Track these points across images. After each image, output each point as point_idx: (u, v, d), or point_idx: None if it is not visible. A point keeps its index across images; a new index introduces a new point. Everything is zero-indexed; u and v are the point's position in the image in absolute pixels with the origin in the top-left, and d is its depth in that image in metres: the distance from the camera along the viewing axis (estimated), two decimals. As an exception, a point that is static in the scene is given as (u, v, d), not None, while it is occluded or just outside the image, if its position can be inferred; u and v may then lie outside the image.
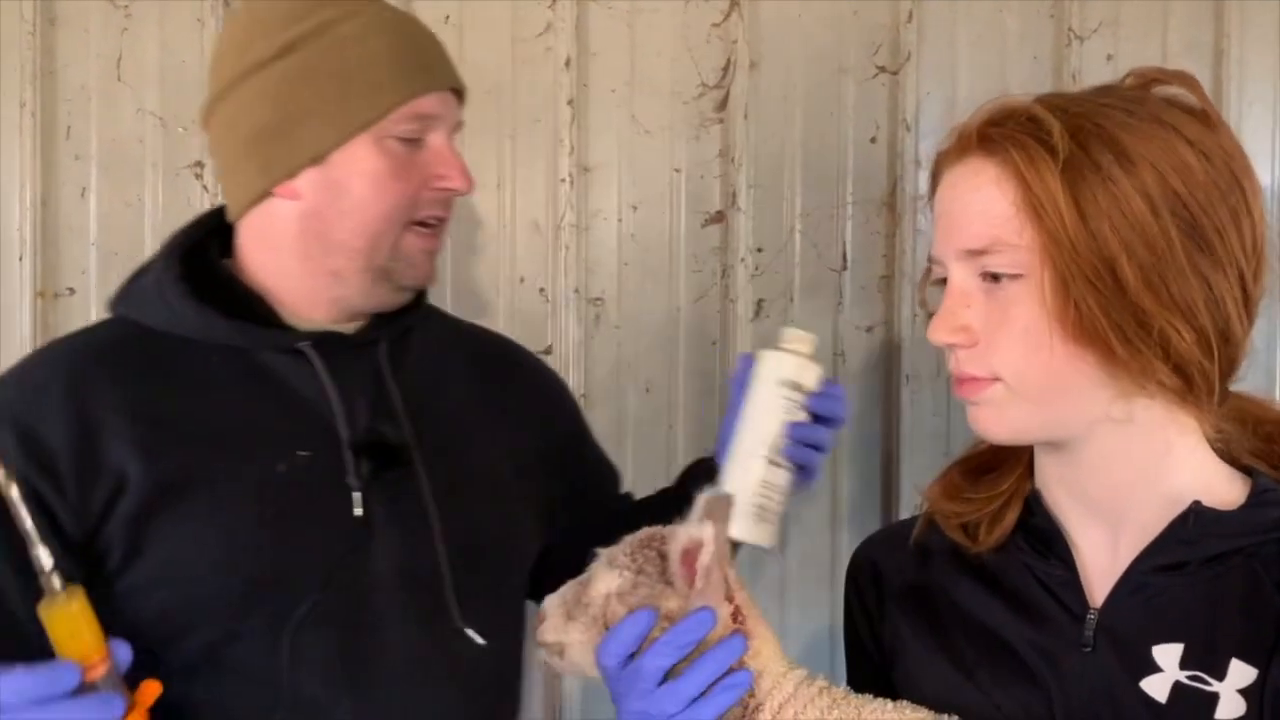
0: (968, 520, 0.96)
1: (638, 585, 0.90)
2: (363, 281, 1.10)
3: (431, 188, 1.10)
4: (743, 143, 1.54)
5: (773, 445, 1.09)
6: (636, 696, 0.88)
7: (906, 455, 1.57)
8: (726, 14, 1.54)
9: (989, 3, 1.56)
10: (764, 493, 1.09)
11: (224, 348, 1.08)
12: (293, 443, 1.06)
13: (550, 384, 1.33)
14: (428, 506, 1.09)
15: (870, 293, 1.58)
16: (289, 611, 1.01)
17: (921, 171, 1.56)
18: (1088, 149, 0.82)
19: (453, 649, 1.08)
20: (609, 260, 1.55)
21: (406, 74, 1.08)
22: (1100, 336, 0.82)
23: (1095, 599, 0.89)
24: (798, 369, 1.10)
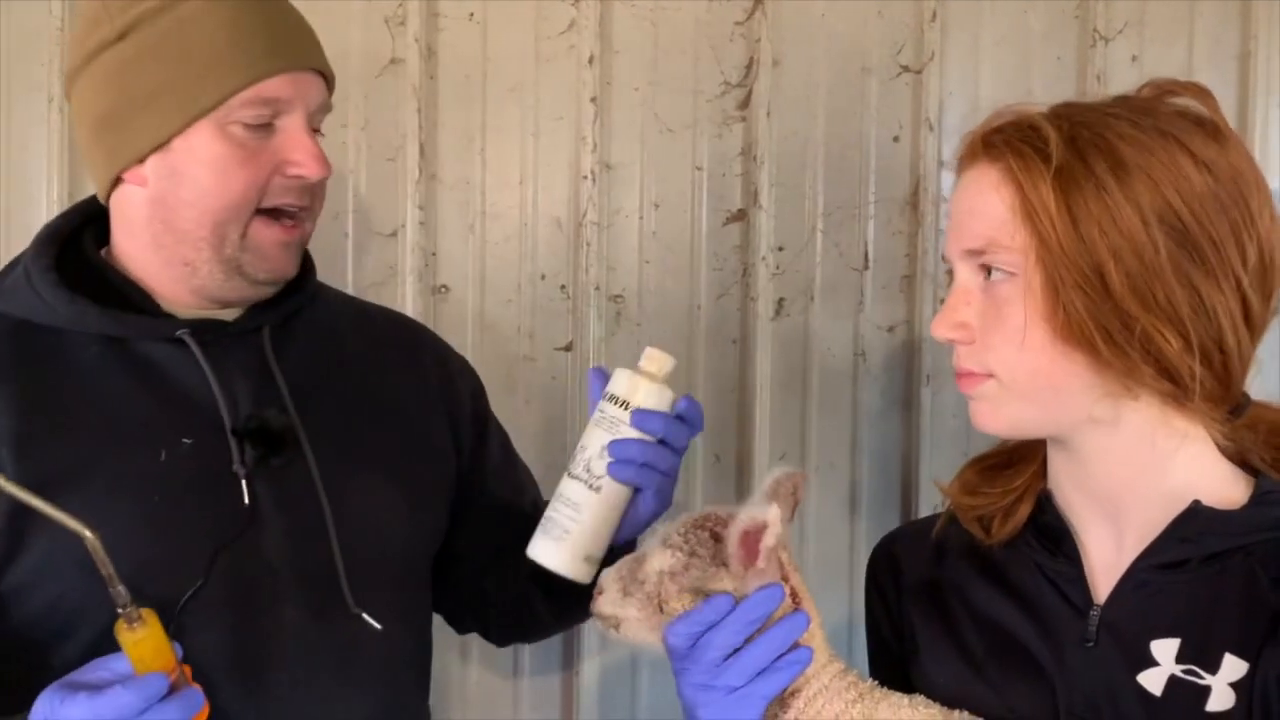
0: (983, 513, 0.99)
1: (690, 566, 0.93)
2: (215, 272, 1.07)
3: (283, 174, 1.06)
4: (765, 141, 1.54)
5: (580, 461, 1.05)
6: (701, 671, 0.91)
7: (926, 455, 1.57)
8: (750, 12, 1.54)
9: (1013, 3, 1.55)
10: (556, 506, 1.06)
11: (102, 338, 1.06)
12: (175, 432, 1.04)
13: (455, 368, 1.28)
14: (318, 490, 1.07)
15: (892, 292, 1.58)
16: (174, 598, 1.00)
17: (945, 171, 1.56)
18: (1084, 158, 0.85)
19: (348, 634, 1.07)
20: (630, 258, 1.55)
21: (249, 56, 1.03)
22: (1087, 338, 0.85)
23: (1099, 595, 0.92)
24: (629, 386, 1.05)
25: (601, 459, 1.04)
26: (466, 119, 1.52)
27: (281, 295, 1.13)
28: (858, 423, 1.58)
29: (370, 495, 1.11)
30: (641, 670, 1.58)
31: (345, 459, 1.11)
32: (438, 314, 1.53)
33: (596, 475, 1.04)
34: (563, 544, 1.05)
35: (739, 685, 0.90)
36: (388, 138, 1.51)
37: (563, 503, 1.05)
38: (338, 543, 1.07)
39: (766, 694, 0.90)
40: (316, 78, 1.09)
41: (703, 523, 0.95)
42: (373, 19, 1.51)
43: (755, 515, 0.90)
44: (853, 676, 0.94)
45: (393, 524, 1.13)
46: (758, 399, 1.55)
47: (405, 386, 1.20)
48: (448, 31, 1.52)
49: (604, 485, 1.04)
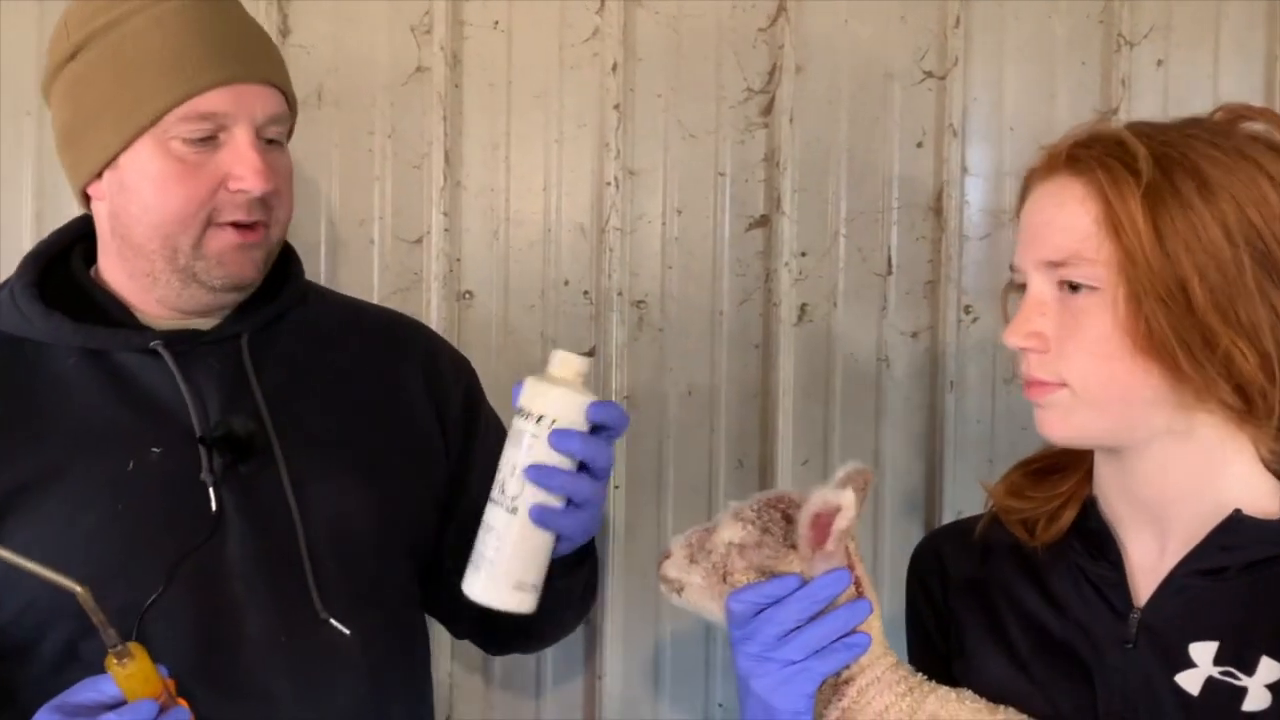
0: (1027, 516, 1.02)
1: (761, 544, 0.96)
2: (173, 282, 1.08)
3: (227, 188, 1.06)
4: (788, 147, 1.54)
5: (497, 483, 1.00)
6: (760, 643, 0.94)
7: (950, 461, 1.56)
8: (773, 18, 1.55)
9: (1037, 7, 1.55)
10: (481, 536, 1.01)
11: (82, 351, 1.08)
12: (146, 441, 1.06)
13: (447, 365, 1.27)
14: (288, 497, 1.08)
15: (915, 298, 1.57)
16: (138, 605, 1.01)
17: (969, 177, 1.56)
18: (1170, 176, 0.87)
19: (319, 639, 1.07)
20: (653, 263, 1.56)
21: (185, 70, 1.04)
22: (1168, 351, 0.87)
23: (1139, 598, 0.95)
24: (538, 397, 0.98)
25: (515, 479, 0.98)
26: (491, 126, 1.54)
27: (261, 302, 1.14)
28: (880, 428, 1.58)
29: (344, 500, 1.11)
30: (664, 682, 1.58)
31: (320, 464, 1.11)
32: (462, 319, 1.55)
33: (512, 497, 0.98)
34: (488, 575, 1.00)
35: (796, 660, 0.93)
36: (413, 145, 1.53)
37: (485, 530, 1.01)
38: (306, 548, 1.07)
39: (823, 671, 0.93)
40: (266, 89, 1.08)
41: (776, 502, 0.97)
42: (398, 27, 1.52)
43: (829, 498, 0.93)
44: (904, 670, 0.97)
45: (367, 528, 1.12)
46: (780, 404, 1.55)
47: (392, 387, 1.20)
48: (473, 40, 1.53)
49: (519, 507, 0.98)
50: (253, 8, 1.48)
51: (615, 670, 1.57)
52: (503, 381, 1.54)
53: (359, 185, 1.53)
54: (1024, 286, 0.95)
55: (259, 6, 1.50)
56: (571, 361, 0.99)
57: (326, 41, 1.52)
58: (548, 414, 0.97)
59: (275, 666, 1.05)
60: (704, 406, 1.56)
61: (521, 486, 0.98)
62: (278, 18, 1.51)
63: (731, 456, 1.57)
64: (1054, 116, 1.55)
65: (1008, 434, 1.56)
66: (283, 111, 1.10)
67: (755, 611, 0.95)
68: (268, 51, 1.11)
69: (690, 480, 1.56)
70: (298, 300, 1.18)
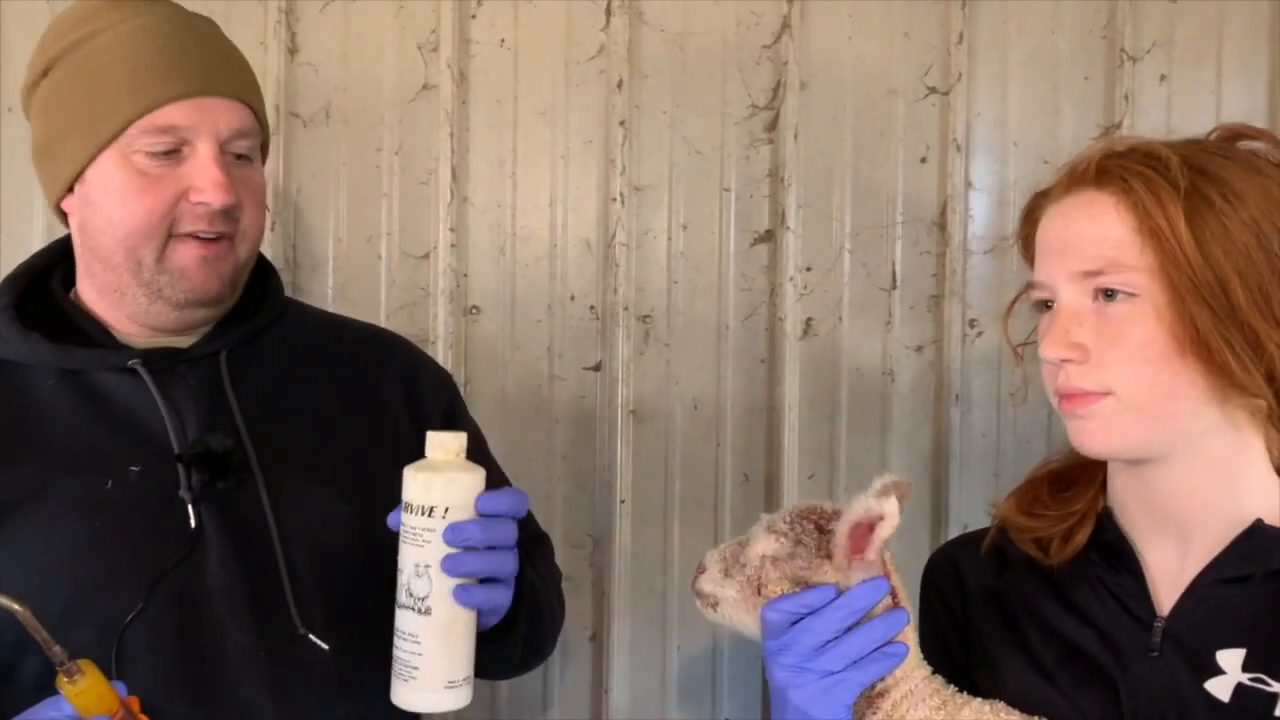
0: (1040, 536, 1.02)
1: (794, 555, 0.96)
2: (139, 297, 1.09)
3: (188, 201, 1.06)
4: (792, 163, 1.55)
5: (401, 586, 0.97)
6: (796, 654, 0.94)
7: (955, 475, 1.57)
8: (777, 35, 1.56)
9: (1040, 23, 1.56)
10: (397, 643, 0.98)
11: (62, 372, 1.09)
12: (125, 459, 1.06)
13: (428, 380, 1.25)
14: (266, 513, 1.07)
15: (920, 312, 1.58)
16: (117, 622, 1.01)
17: (973, 192, 1.56)
18: (1198, 183, 0.90)
19: (300, 655, 1.07)
20: (659, 278, 1.56)
21: (145, 85, 1.05)
22: (1213, 352, 0.89)
23: (1162, 607, 0.96)
24: (408, 485, 0.96)
25: (422, 579, 0.95)
26: (498, 143, 1.55)
27: (240, 319, 1.15)
28: (886, 442, 1.58)
29: (323, 515, 1.11)
30: (671, 696, 1.58)
31: (299, 479, 1.11)
32: (469, 334, 1.55)
33: (420, 597, 0.95)
34: (418, 684, 0.96)
35: (835, 671, 0.93)
36: (421, 161, 1.54)
37: (401, 638, 0.98)
38: (285, 564, 1.07)
39: (862, 682, 0.93)
40: (231, 104, 1.09)
41: (808, 513, 0.98)
42: (406, 46, 1.54)
43: (871, 506, 0.92)
44: (937, 683, 0.97)
45: (346, 543, 1.11)
46: (786, 419, 1.56)
47: (372, 403, 1.19)
48: (479, 57, 1.54)
49: (433, 606, 0.95)
50: (261, 26, 1.51)
51: (622, 684, 1.57)
52: (509, 396, 1.55)
53: (367, 201, 1.54)
54: (1046, 303, 0.97)
55: (268, 25, 1.52)
56: (447, 441, 0.96)
57: (335, 59, 1.53)
58: (438, 506, 0.95)
59: (254, 681, 1.05)
60: (709, 421, 1.57)
61: (430, 585, 0.95)
62: (286, 36, 1.52)
63: (737, 471, 1.57)
64: (1057, 131, 1.56)
65: (1013, 447, 1.56)
66: (250, 126, 1.11)
67: (791, 621, 0.95)
68: (235, 67, 1.11)
69: (696, 495, 1.57)
70: (276, 317, 1.19)
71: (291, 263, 1.54)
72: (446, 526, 0.95)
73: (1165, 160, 0.91)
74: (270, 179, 1.52)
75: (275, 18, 1.52)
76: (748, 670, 1.58)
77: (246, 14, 1.52)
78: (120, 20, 1.07)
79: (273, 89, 1.52)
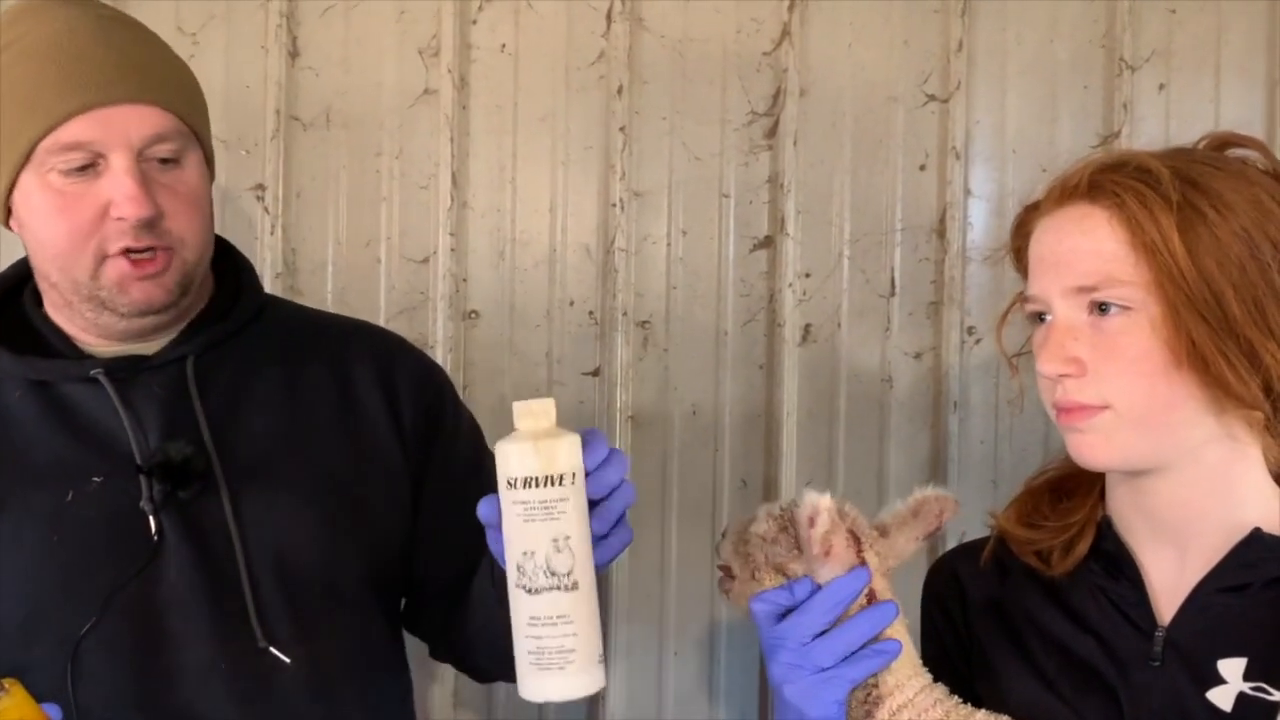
0: (1040, 548, 1.02)
1: (777, 540, 0.97)
2: (86, 311, 1.07)
3: (111, 217, 1.02)
4: (792, 169, 1.55)
5: (533, 568, 0.89)
6: (790, 651, 0.94)
7: (954, 482, 1.56)
8: (777, 42, 1.56)
9: (1039, 31, 1.56)
10: (533, 634, 0.90)
11: (27, 383, 1.08)
12: (87, 470, 1.05)
13: (406, 376, 1.20)
14: (228, 522, 1.05)
15: (919, 319, 1.58)
16: (72, 636, 1.00)
17: (971, 199, 1.57)
18: (1192, 196, 0.90)
19: (259, 668, 1.04)
20: (658, 284, 1.56)
21: (43, 103, 1.01)
22: (1211, 363, 0.89)
23: (1163, 617, 0.97)
24: (521, 460, 0.89)
25: (561, 553, 0.89)
26: (498, 148, 1.55)
27: (207, 323, 1.12)
28: (884, 449, 1.58)
29: (289, 525, 1.08)
30: (668, 701, 1.58)
31: (265, 488, 1.08)
32: (468, 339, 1.55)
33: (565, 573, 0.89)
34: (572, 667, 0.90)
35: (826, 666, 0.93)
36: (421, 166, 1.54)
37: (544, 624, 0.89)
38: (247, 575, 1.05)
39: (853, 678, 0.94)
40: (142, 109, 1.03)
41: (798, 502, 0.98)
42: (407, 51, 1.54)
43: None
44: (939, 693, 0.97)
45: (315, 553, 1.09)
46: (784, 425, 1.56)
47: (348, 404, 1.16)
48: (480, 63, 1.55)
49: (579, 578, 0.89)
50: (262, 30, 1.52)
51: (619, 689, 1.57)
52: (507, 402, 1.55)
53: (366, 206, 1.55)
54: (1041, 315, 0.97)
55: (269, 29, 1.52)
56: (544, 407, 0.91)
57: (335, 64, 1.54)
58: (567, 472, 0.89)
59: (213, 696, 1.03)
60: (708, 427, 1.57)
61: (572, 557, 0.89)
62: (287, 40, 1.52)
63: (735, 476, 1.57)
64: (1056, 140, 1.56)
65: (1011, 455, 1.56)
66: (169, 129, 1.04)
67: (778, 614, 0.96)
68: (145, 68, 1.05)
69: (694, 500, 1.57)
70: (249, 319, 1.15)
71: (291, 266, 1.54)
72: (588, 480, 0.90)
73: (1157, 174, 0.91)
74: (270, 182, 1.53)
75: (276, 21, 1.52)
76: (744, 676, 1.58)
77: (247, 18, 1.52)
78: (26, 33, 1.03)
79: (273, 93, 1.52)
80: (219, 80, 1.51)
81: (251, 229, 1.52)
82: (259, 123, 1.52)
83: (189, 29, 1.51)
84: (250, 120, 1.52)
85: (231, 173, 1.53)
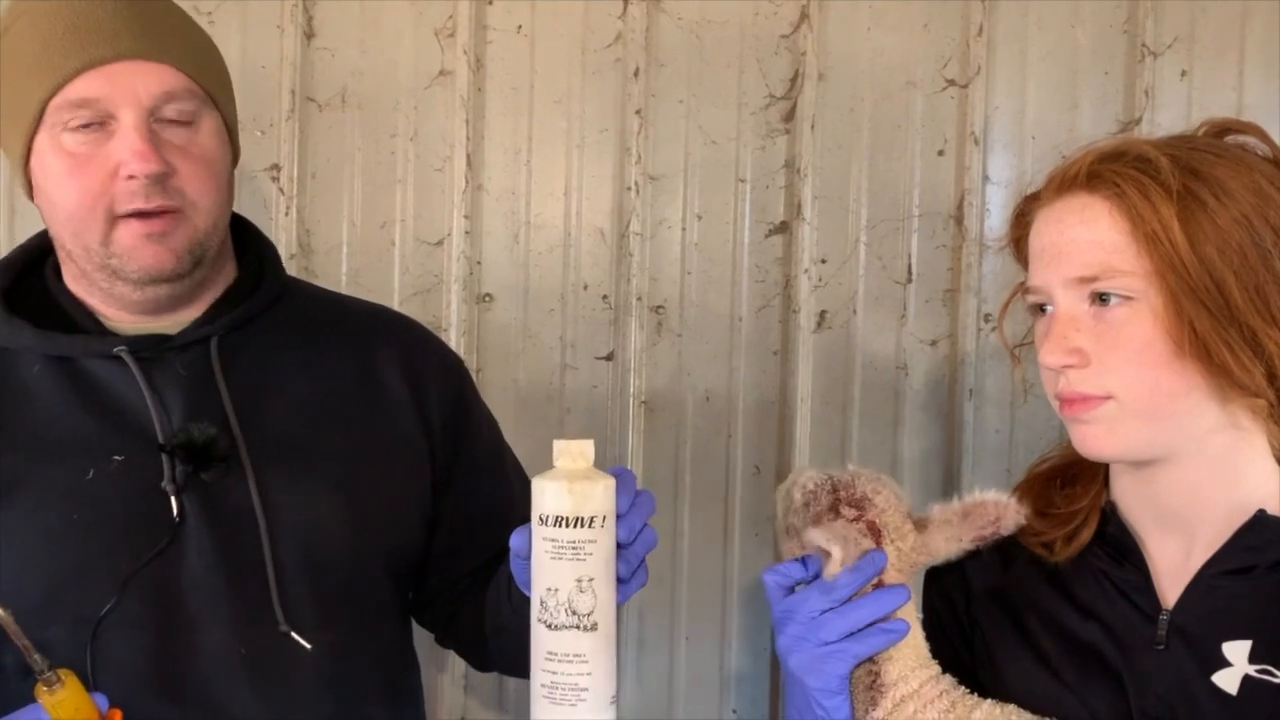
0: (1046, 540, 1.02)
1: (799, 512, 0.98)
2: (100, 280, 1.05)
3: (121, 177, 1.01)
4: (808, 154, 1.54)
5: (555, 605, 0.91)
6: (798, 624, 0.95)
7: (968, 470, 1.56)
8: (796, 25, 1.55)
9: (1060, 17, 1.55)
10: (548, 668, 0.91)
11: (48, 358, 1.06)
12: (108, 448, 1.03)
13: (432, 366, 1.20)
14: (254, 504, 1.04)
15: (935, 306, 1.57)
16: (91, 616, 0.99)
17: (990, 186, 1.55)
18: (1191, 184, 0.90)
19: (280, 651, 1.03)
20: (672, 268, 1.56)
21: (52, 60, 1.00)
22: (1213, 352, 0.89)
23: (1166, 600, 0.97)
24: (556, 499, 0.90)
25: (585, 593, 0.90)
26: (513, 130, 1.54)
27: (231, 303, 1.11)
28: (899, 436, 1.58)
29: (314, 507, 1.07)
30: (679, 687, 1.58)
31: (290, 470, 1.07)
32: (481, 322, 1.55)
33: (585, 614, 0.91)
34: (584, 705, 0.91)
35: (831, 641, 0.94)
36: (435, 148, 1.54)
37: (560, 661, 0.91)
38: (271, 558, 1.04)
39: (858, 653, 0.94)
40: (153, 66, 1.02)
41: (837, 486, 0.98)
42: (423, 32, 1.53)
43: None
44: (945, 683, 0.97)
45: (338, 537, 1.08)
46: (798, 411, 1.55)
47: (372, 389, 1.15)
48: (496, 44, 1.54)
49: (599, 620, 0.91)
50: (279, 11, 1.51)
51: (630, 675, 1.57)
52: (521, 385, 1.55)
53: (381, 187, 1.54)
54: (1042, 307, 0.97)
55: (285, 10, 1.51)
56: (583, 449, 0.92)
57: (351, 45, 1.53)
58: (598, 515, 0.90)
59: (232, 680, 1.02)
60: (721, 412, 1.57)
61: (594, 599, 0.90)
62: (303, 21, 1.52)
63: (748, 463, 1.57)
64: (1076, 126, 1.54)
65: (1026, 443, 1.55)
66: (181, 88, 1.03)
67: (789, 587, 0.97)
68: (154, 27, 1.04)
69: (707, 486, 1.57)
70: (273, 300, 1.14)
71: (306, 247, 1.54)
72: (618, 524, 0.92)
73: (1156, 162, 0.91)
74: (285, 163, 1.52)
75: (292, 2, 1.51)
76: (755, 663, 1.58)
77: (263, -2, 1.52)
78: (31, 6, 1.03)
79: (289, 74, 1.51)
80: (234, 60, 1.48)
81: (266, 210, 1.52)
82: (274, 103, 1.52)
83: (205, 8, 1.51)
84: (265, 101, 1.51)
85: (247, 153, 1.50)
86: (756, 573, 1.09)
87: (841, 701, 0.95)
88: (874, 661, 0.96)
